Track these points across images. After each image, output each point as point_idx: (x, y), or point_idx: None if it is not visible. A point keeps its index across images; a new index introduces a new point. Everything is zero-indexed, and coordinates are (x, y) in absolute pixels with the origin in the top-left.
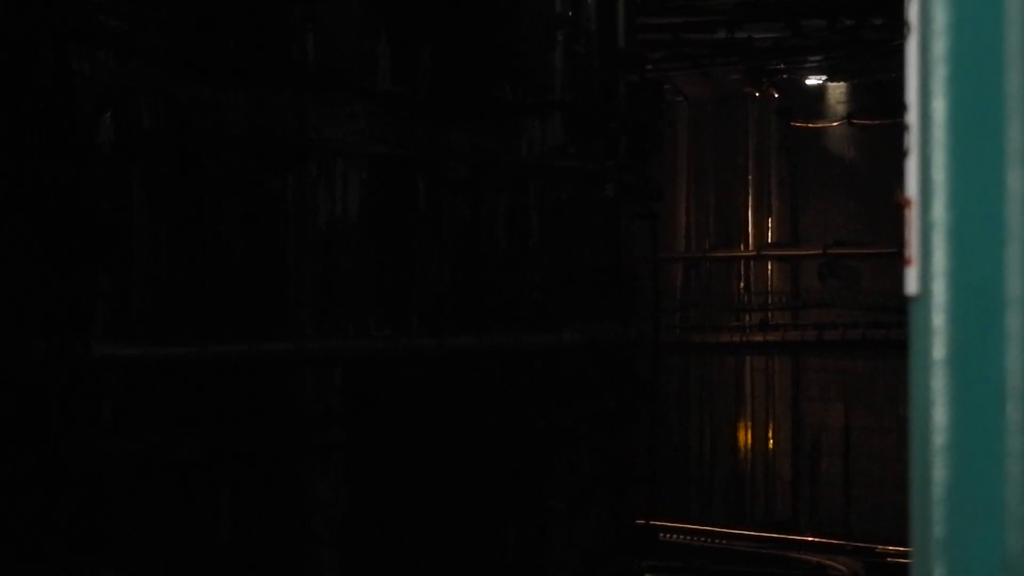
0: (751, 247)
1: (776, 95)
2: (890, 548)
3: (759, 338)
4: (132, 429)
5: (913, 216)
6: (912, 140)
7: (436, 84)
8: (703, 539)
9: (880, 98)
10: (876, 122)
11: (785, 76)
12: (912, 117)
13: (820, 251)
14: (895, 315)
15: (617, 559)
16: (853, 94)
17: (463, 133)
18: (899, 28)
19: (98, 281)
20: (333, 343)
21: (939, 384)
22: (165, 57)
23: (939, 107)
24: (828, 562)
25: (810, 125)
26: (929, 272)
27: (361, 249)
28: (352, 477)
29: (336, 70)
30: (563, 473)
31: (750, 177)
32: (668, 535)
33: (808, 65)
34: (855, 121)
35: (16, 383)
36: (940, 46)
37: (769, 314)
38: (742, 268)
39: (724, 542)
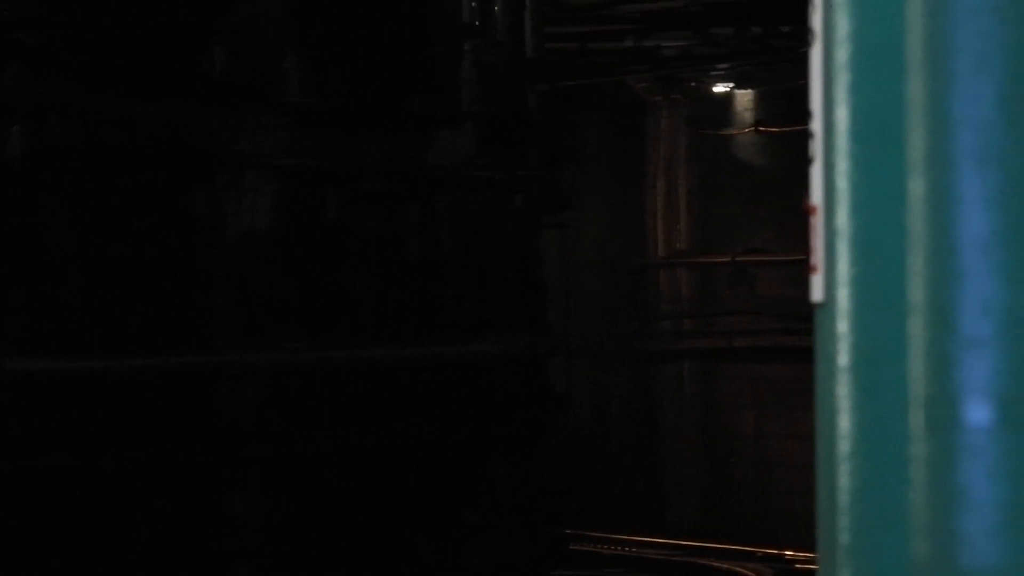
0: (661, 255)
1: (685, 103)
2: (800, 554)
3: (670, 346)
4: (45, 445)
5: (818, 223)
6: (816, 147)
7: (348, 96)
8: (614, 547)
9: (788, 105)
10: (784, 129)
11: (693, 84)
12: (816, 125)
13: (730, 259)
14: (805, 322)
15: (529, 570)
16: (761, 102)
17: (375, 145)
18: (806, 36)
19: (9, 296)
20: (246, 356)
21: (844, 391)
22: (76, 71)
23: (842, 115)
24: (738, 568)
25: (719, 133)
26: (834, 279)
27: (274, 261)
28: (268, 490)
29: (248, 82)
30: (476, 484)
31: (659, 185)
32: (580, 544)
33: (716, 73)
34: (763, 129)
35: None
36: (843, 54)
37: (680, 322)
38: (652, 276)
39: (635, 550)
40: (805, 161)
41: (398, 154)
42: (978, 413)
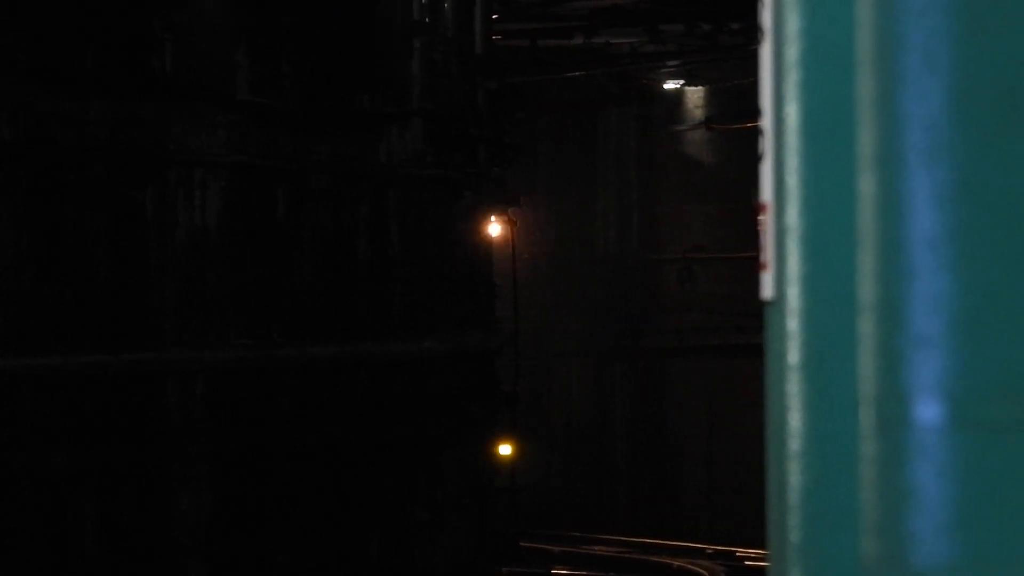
0: (611, 253)
1: (634, 100)
2: (750, 552)
3: (621, 343)
4: None
5: (768, 221)
6: (766, 145)
7: (297, 94)
8: (565, 545)
9: (738, 103)
10: (734, 126)
11: (644, 81)
12: (766, 122)
13: (680, 256)
14: (754, 320)
15: (479, 566)
16: (711, 99)
17: (324, 142)
18: (756, 33)
19: None
20: (195, 353)
21: (794, 389)
22: (26, 69)
23: (792, 112)
24: (689, 566)
25: (669, 130)
26: (784, 277)
27: (222, 259)
28: (217, 487)
29: (197, 81)
30: (427, 482)
31: (609, 182)
32: (530, 542)
33: (666, 70)
34: (713, 126)
35: None
36: (793, 51)
37: (632, 319)
38: (603, 274)
39: (586, 547)
40: (753, 158)
41: (348, 152)
42: (928, 411)
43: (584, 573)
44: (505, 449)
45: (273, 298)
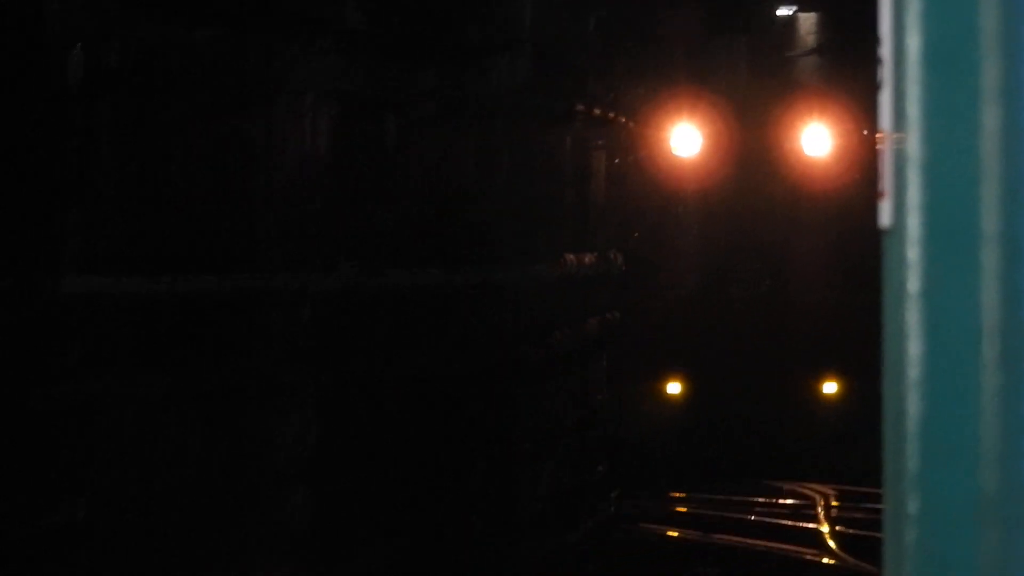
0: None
1: (747, 29)
2: None
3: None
4: (100, 366)
5: (886, 149)
6: (885, 74)
7: (405, 24)
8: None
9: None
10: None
11: (755, 8)
12: (885, 50)
13: None
14: None
15: (585, 495)
16: (823, 26)
17: (432, 72)
18: None
19: (67, 218)
20: (301, 279)
21: (913, 318)
22: None
23: (913, 42)
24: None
25: (781, 56)
26: (903, 205)
27: (329, 186)
28: (320, 414)
29: (305, 8)
30: (530, 410)
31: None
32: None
33: None
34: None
35: None
36: None
37: None
38: None
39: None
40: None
41: (455, 82)
42: None
43: (699, 494)
44: (674, 387)
45: (379, 225)
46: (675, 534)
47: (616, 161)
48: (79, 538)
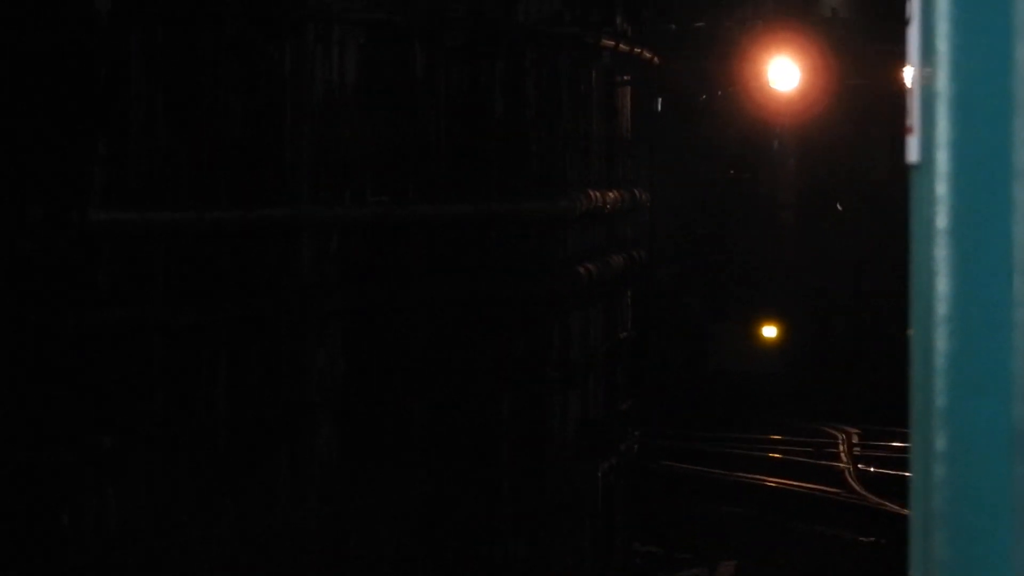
0: None
1: None
2: None
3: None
4: (129, 296)
5: (914, 85)
6: (914, 9)
7: None
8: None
9: None
10: None
11: None
12: None
13: None
14: None
15: (609, 429)
16: None
17: (460, 0)
18: None
19: (96, 147)
20: (330, 210)
21: (942, 253)
22: None
23: None
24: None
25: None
26: (932, 140)
27: (358, 116)
28: (349, 345)
29: None
30: (559, 341)
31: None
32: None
33: None
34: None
35: (14, 248)
36: None
37: None
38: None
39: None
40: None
41: (484, 10)
42: None
43: (724, 433)
44: (770, 331)
45: (408, 156)
46: (697, 469)
47: (703, 97)
48: (106, 468)
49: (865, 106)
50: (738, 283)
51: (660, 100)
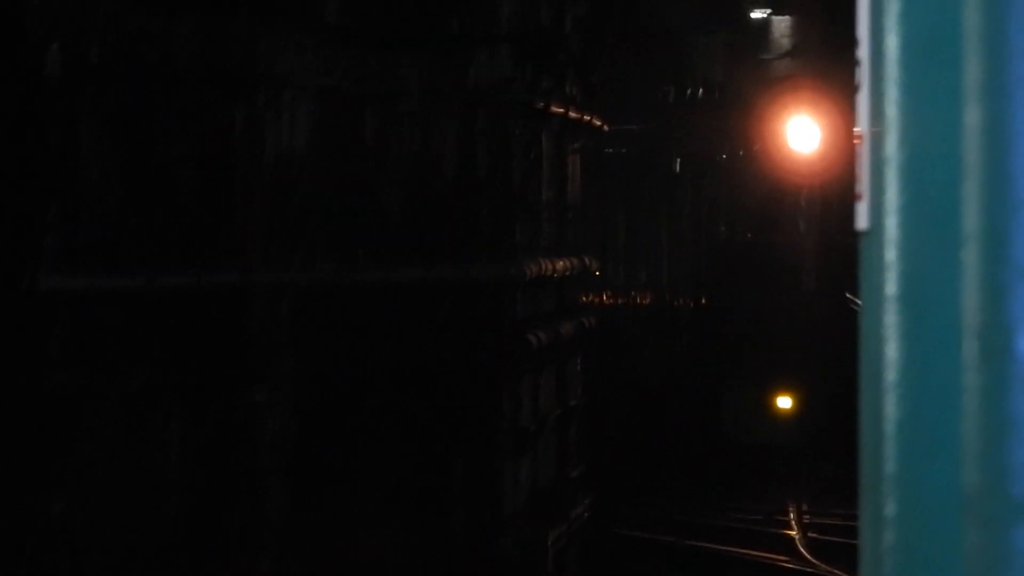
0: None
1: (721, 32)
2: None
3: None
4: (80, 360)
5: (864, 151)
6: (863, 75)
7: (385, 16)
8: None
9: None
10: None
11: (730, 9)
12: (863, 51)
13: None
14: None
15: (560, 496)
16: (798, 28)
17: (412, 66)
18: None
19: (46, 212)
20: (280, 275)
21: (891, 320)
22: None
23: (892, 42)
24: None
25: (756, 58)
26: (881, 207)
27: (309, 181)
28: (300, 408)
29: (285, 1)
30: (510, 408)
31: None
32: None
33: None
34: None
35: None
36: None
37: None
38: None
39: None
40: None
41: (434, 75)
42: None
43: (674, 499)
44: (784, 402)
45: (359, 220)
46: (647, 537)
47: (723, 156)
48: (56, 532)
49: None
50: (754, 349)
51: (679, 160)
